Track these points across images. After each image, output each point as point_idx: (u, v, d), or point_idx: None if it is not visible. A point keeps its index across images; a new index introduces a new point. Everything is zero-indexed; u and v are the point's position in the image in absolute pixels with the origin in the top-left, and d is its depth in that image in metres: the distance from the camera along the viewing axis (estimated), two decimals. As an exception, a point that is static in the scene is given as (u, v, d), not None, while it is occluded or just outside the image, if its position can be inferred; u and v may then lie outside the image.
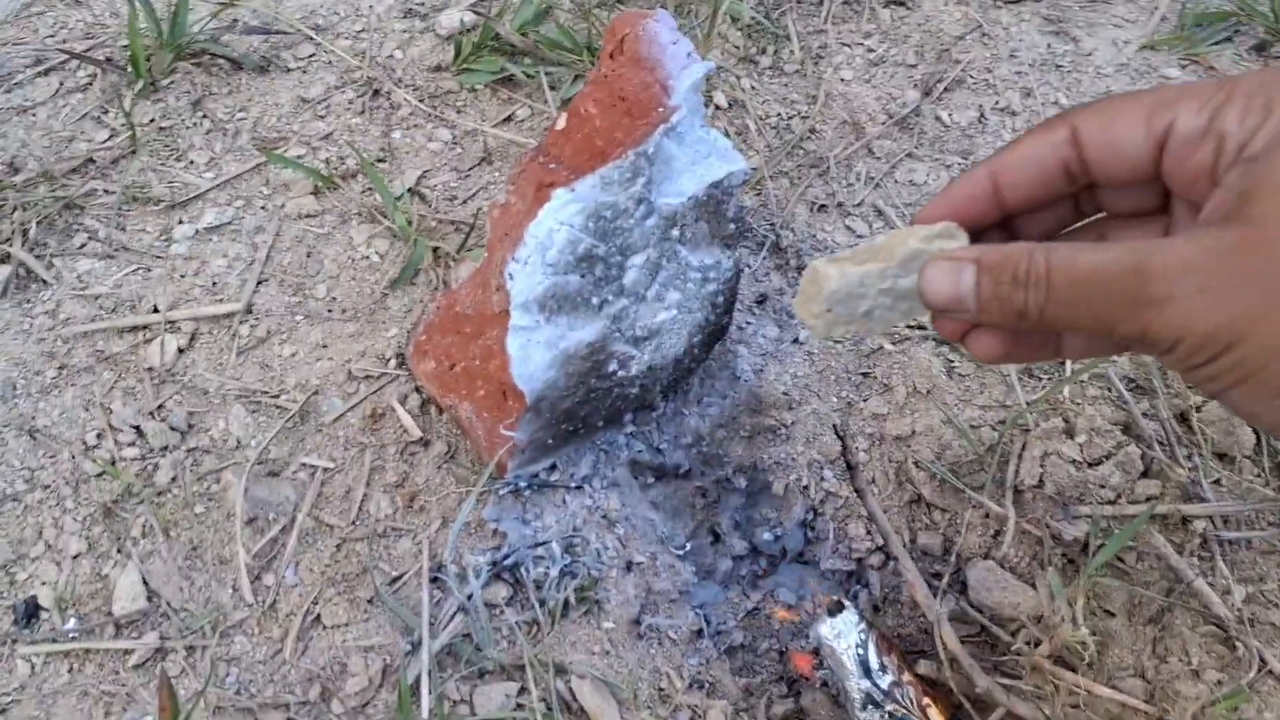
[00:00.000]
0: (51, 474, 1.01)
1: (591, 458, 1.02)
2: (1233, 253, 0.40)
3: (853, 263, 0.45)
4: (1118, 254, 0.42)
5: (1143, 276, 0.41)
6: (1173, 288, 0.41)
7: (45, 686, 0.90)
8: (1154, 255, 0.41)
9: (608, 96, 0.89)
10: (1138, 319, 0.42)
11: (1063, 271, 0.43)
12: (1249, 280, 0.39)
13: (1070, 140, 0.45)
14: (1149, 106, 0.44)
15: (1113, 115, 0.44)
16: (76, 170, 1.22)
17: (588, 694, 0.90)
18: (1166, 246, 0.41)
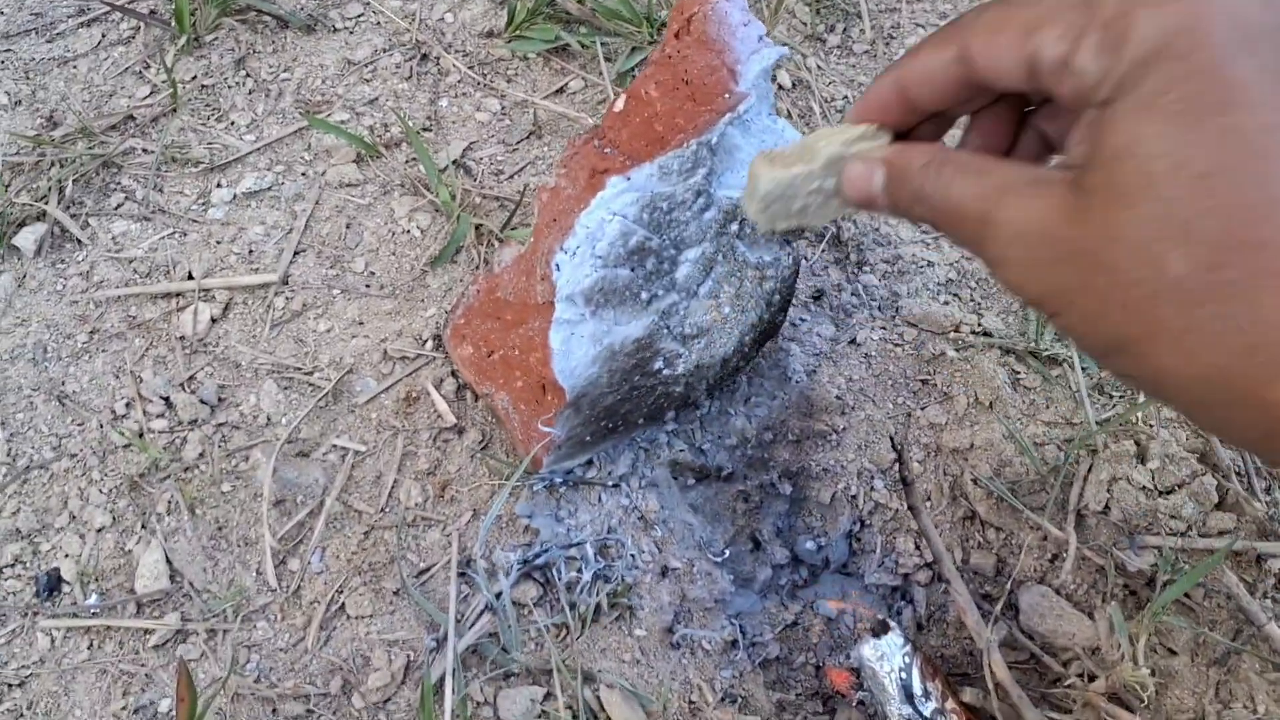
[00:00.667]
0: (79, 442, 0.98)
1: (630, 456, 0.98)
2: (1062, 223, 0.39)
3: (782, 165, 0.47)
4: (974, 196, 0.42)
5: (987, 229, 0.42)
6: (1004, 250, 0.41)
7: (65, 662, 0.88)
8: (998, 210, 0.41)
9: (671, 79, 0.84)
10: (987, 263, 0.43)
11: (939, 198, 0.44)
12: (1070, 257, 0.39)
13: (959, 58, 0.44)
14: (1024, 26, 0.41)
15: (995, 31, 0.43)
16: (115, 127, 1.19)
17: (616, 704, 0.87)
18: (1013, 203, 0.41)
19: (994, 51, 0.43)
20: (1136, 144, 0.37)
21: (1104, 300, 0.39)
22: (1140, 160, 0.37)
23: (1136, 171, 0.37)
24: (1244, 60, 0.35)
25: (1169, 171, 0.36)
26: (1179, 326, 0.37)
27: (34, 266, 1.09)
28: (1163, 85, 0.36)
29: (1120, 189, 0.37)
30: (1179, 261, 0.36)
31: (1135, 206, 0.37)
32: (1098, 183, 0.38)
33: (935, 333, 1.08)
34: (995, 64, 0.43)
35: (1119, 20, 0.38)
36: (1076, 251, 0.39)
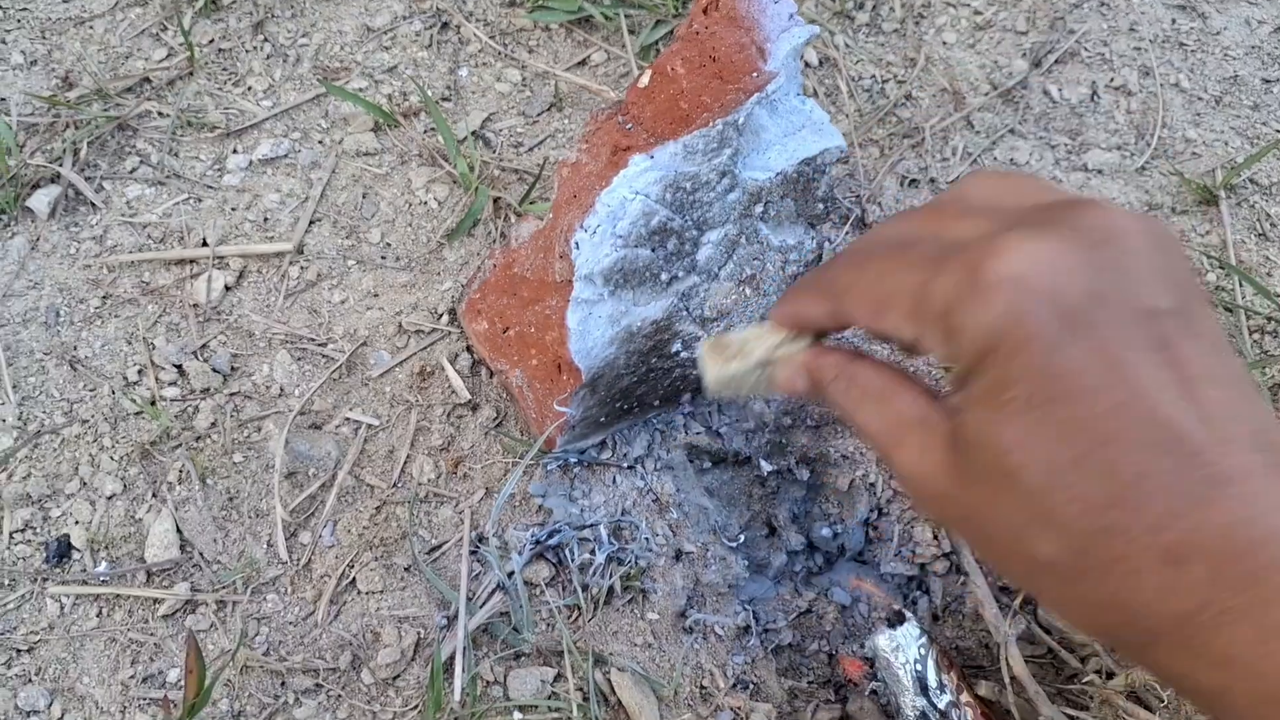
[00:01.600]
0: (91, 408, 0.97)
1: (646, 437, 0.97)
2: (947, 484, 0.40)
3: (723, 359, 0.51)
4: (875, 430, 0.44)
5: (891, 466, 0.44)
6: (910, 489, 0.43)
7: (74, 629, 0.88)
8: (895, 453, 0.42)
9: (698, 55, 0.82)
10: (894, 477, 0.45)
11: (850, 419, 0.46)
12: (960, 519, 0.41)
13: (834, 314, 0.46)
14: (874, 304, 0.43)
15: (856, 302, 0.44)
16: (131, 89, 1.17)
17: (627, 688, 0.86)
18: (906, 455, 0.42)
19: (860, 318, 0.44)
20: (987, 436, 0.37)
21: (998, 561, 0.41)
22: (994, 453, 0.37)
23: (994, 463, 0.37)
24: (1071, 349, 0.35)
25: (1021, 466, 0.36)
26: (1060, 597, 0.39)
27: (47, 229, 1.08)
28: (999, 385, 0.37)
29: (984, 474, 0.38)
30: (1048, 546, 0.37)
31: (1000, 494, 0.38)
32: (968, 459, 0.39)
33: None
34: (865, 326, 0.44)
35: (947, 317, 0.38)
36: (965, 517, 0.40)
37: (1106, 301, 0.36)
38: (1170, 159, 1.18)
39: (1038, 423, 0.36)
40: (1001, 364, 0.36)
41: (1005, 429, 0.37)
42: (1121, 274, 0.37)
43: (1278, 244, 1.11)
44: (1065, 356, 0.35)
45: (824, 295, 0.46)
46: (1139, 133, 1.20)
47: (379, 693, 0.85)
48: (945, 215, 0.43)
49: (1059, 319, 0.36)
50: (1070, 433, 0.35)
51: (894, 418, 0.43)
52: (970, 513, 0.40)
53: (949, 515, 0.42)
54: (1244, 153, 1.18)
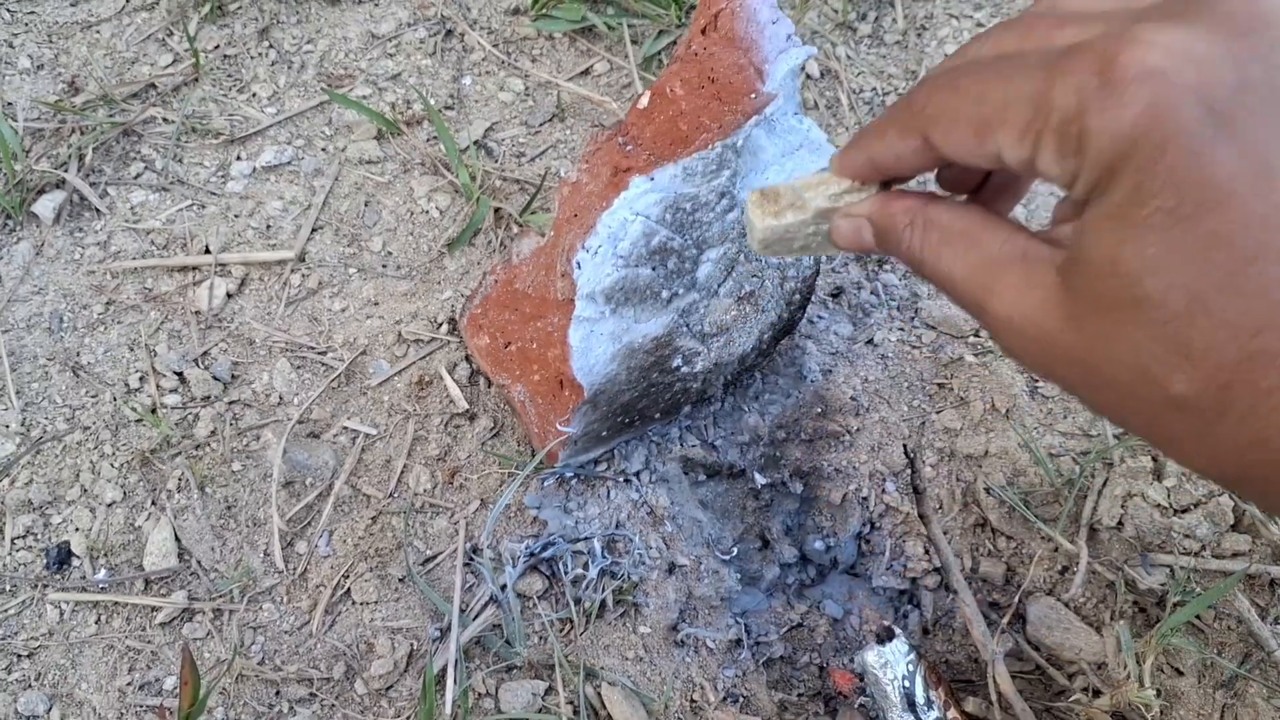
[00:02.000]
0: (92, 415, 0.98)
1: (644, 452, 0.98)
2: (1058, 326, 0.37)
3: (774, 210, 0.48)
4: (963, 273, 0.41)
5: (981, 315, 0.41)
6: (1006, 339, 0.40)
7: (73, 635, 0.89)
8: (991, 297, 0.40)
9: (696, 77, 0.82)
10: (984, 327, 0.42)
11: (930, 268, 0.43)
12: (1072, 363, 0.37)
13: (925, 148, 0.42)
14: (976, 123, 0.38)
15: (951, 125, 0.40)
16: (137, 95, 1.18)
17: (617, 702, 0.87)
18: (1005, 295, 0.39)
19: (956, 146, 0.40)
20: (1120, 260, 0.34)
21: (1113, 406, 0.37)
22: (1125, 279, 0.34)
23: (1124, 289, 0.34)
24: (1221, 149, 0.32)
25: (1160, 292, 0.33)
26: (1195, 440, 0.35)
27: (52, 234, 1.09)
28: (1136, 196, 0.33)
29: (1110, 304, 0.35)
30: (1183, 383, 0.34)
31: (1129, 325, 0.35)
32: (1087, 290, 0.36)
33: (954, 336, 1.07)
34: (962, 156, 0.40)
35: (1071, 125, 0.34)
36: (1076, 359, 0.37)
37: (1257, 98, 0.32)
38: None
39: (1180, 238, 0.32)
40: (1140, 172, 0.33)
41: (1142, 248, 0.33)
42: (1274, 67, 0.33)
43: None
44: (1216, 159, 0.32)
45: (907, 128, 0.42)
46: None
47: (372, 703, 0.86)
48: (1044, 25, 0.39)
49: (1208, 116, 0.32)
50: (1219, 248, 0.32)
51: (985, 258, 0.40)
52: (1085, 354, 0.36)
53: (1056, 360, 0.38)
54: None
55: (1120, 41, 0.33)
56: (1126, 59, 0.33)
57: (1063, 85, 0.34)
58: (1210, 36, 0.33)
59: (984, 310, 0.40)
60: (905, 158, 0.43)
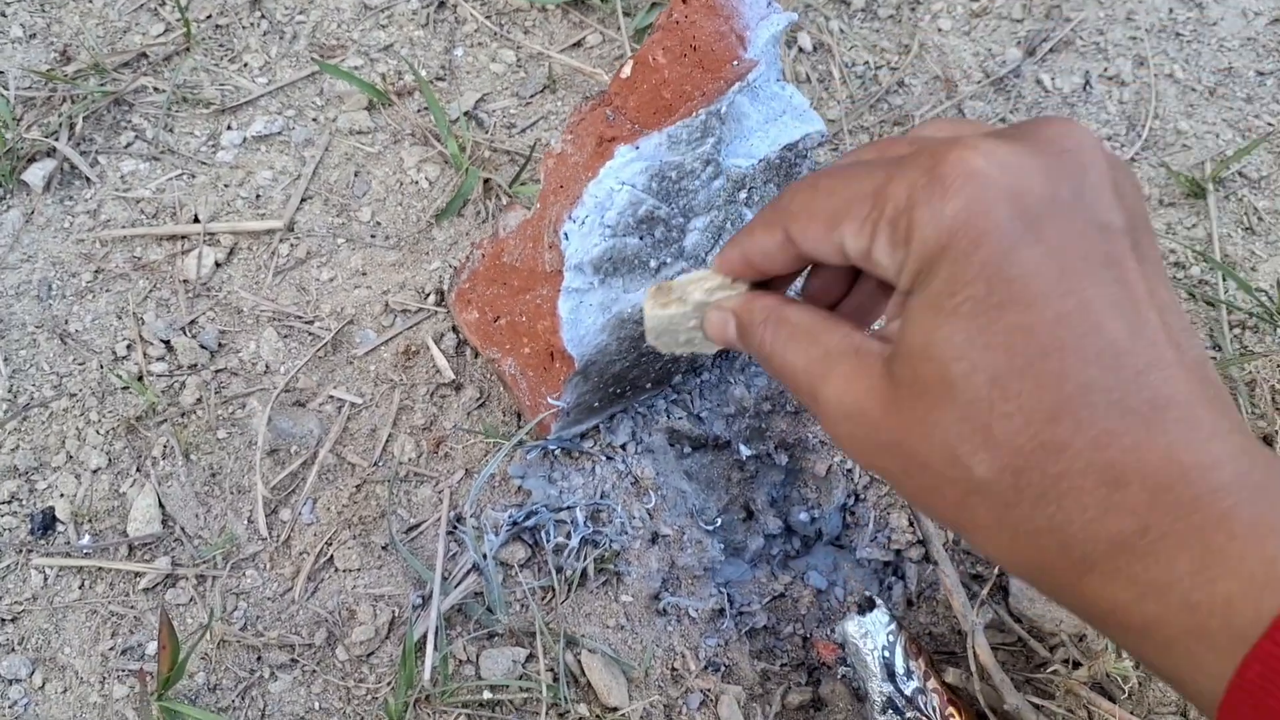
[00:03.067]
0: (79, 382, 0.99)
1: (629, 425, 0.98)
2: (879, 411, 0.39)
3: (662, 303, 0.50)
4: (803, 368, 0.43)
5: (815, 405, 0.42)
6: (834, 426, 0.41)
7: (56, 600, 0.89)
8: (823, 386, 0.41)
9: (678, 45, 0.82)
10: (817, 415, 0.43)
11: (775, 363, 0.45)
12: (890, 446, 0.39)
13: (785, 242, 0.44)
14: (828, 217, 0.41)
15: (807, 220, 0.43)
16: (128, 64, 1.18)
17: (597, 669, 0.87)
18: (836, 384, 0.41)
19: (810, 239, 0.42)
20: (933, 344, 0.36)
21: (926, 491, 0.39)
22: (938, 363, 0.36)
23: (936, 373, 0.36)
24: (1026, 251, 0.35)
25: (965, 375, 0.35)
26: (993, 524, 0.37)
27: (42, 202, 1.09)
28: (949, 286, 0.36)
29: (923, 388, 0.37)
30: (983, 465, 0.36)
31: (938, 409, 0.36)
32: (905, 376, 0.38)
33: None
34: (814, 250, 0.42)
35: (902, 217, 0.37)
36: (894, 442, 0.39)
37: (1064, 209, 0.35)
38: (1160, 150, 1.18)
39: (987, 325, 0.35)
40: (956, 262, 0.35)
41: (952, 333, 0.36)
42: (1079, 185, 0.36)
43: (1264, 238, 1.10)
44: (1020, 258, 0.35)
45: (771, 223, 0.45)
46: (1130, 123, 1.19)
47: (353, 669, 0.87)
48: (901, 142, 0.42)
49: (1017, 218, 0.35)
50: (1017, 340, 0.35)
51: (823, 352, 0.42)
52: (903, 437, 0.38)
53: (878, 446, 0.40)
54: (1235, 145, 1.17)
55: (951, 145, 0.36)
56: (953, 158, 0.36)
57: (898, 182, 0.37)
58: (1030, 152, 0.36)
59: (817, 399, 0.42)
60: (771, 253, 0.45)
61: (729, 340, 0.49)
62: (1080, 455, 0.34)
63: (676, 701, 0.89)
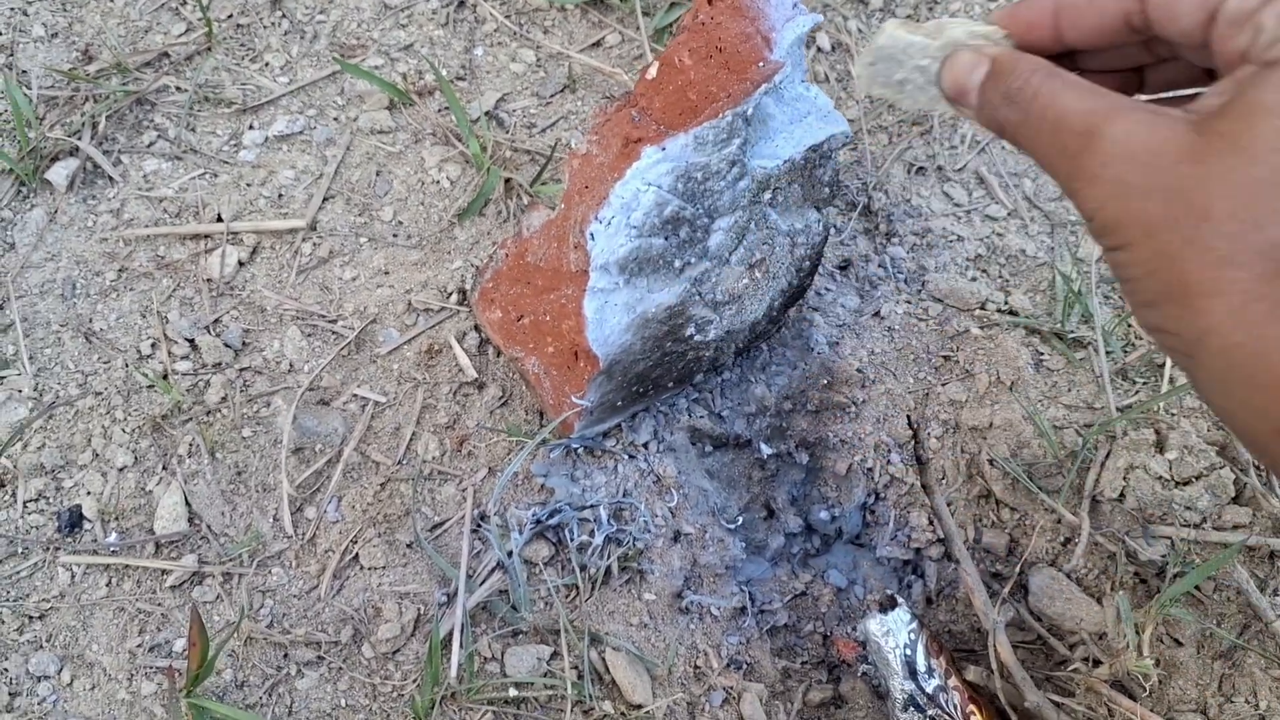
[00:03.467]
0: (104, 380, 0.99)
1: (651, 423, 0.98)
2: (1175, 155, 0.38)
3: (906, 29, 0.47)
4: (1086, 109, 0.41)
5: (1089, 143, 0.41)
6: (1105, 168, 0.40)
7: (84, 598, 0.90)
8: (1109, 124, 0.40)
9: (704, 46, 0.82)
10: (1072, 179, 0.42)
11: (1041, 103, 0.43)
12: (1168, 191, 0.38)
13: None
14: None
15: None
16: (150, 64, 1.19)
17: (621, 666, 0.88)
18: (1126, 123, 0.40)
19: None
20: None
21: (1185, 243, 0.38)
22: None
23: (1272, 136, 0.36)
24: None
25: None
26: (1250, 291, 0.36)
27: (65, 201, 1.10)
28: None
29: (1250, 142, 0.36)
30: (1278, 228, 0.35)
31: (1259, 162, 0.36)
32: (1228, 131, 0.37)
33: (960, 309, 1.07)
34: (1170, 5, 0.42)
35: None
36: (1177, 188, 0.38)
37: None
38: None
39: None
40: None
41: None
42: None
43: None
44: None
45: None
46: (1150, 124, 1.20)
47: (379, 666, 0.88)
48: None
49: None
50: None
51: (1110, 101, 0.41)
52: (1194, 184, 0.37)
53: (1156, 188, 0.39)
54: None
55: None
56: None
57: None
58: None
59: (1096, 136, 0.40)
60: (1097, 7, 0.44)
61: (968, 86, 0.47)
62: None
63: (699, 699, 0.90)
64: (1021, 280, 1.10)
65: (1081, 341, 1.04)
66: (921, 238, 1.12)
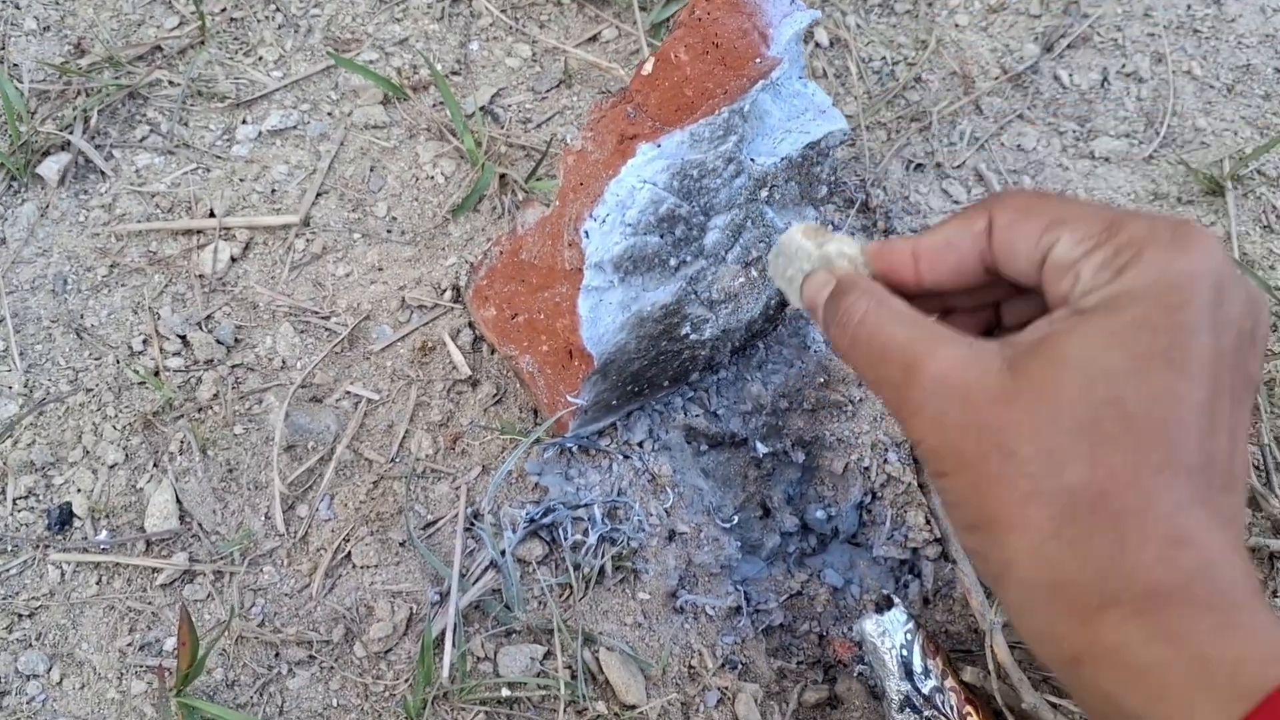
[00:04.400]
0: (95, 377, 0.99)
1: (646, 422, 0.97)
2: (988, 393, 0.41)
3: (805, 236, 0.50)
4: (906, 340, 0.43)
5: (910, 376, 0.43)
6: (925, 403, 0.42)
7: (74, 595, 0.89)
8: (929, 357, 0.42)
9: (700, 42, 0.82)
10: (898, 409, 0.44)
11: (867, 330, 0.45)
12: (981, 428, 0.40)
13: (986, 231, 0.46)
14: (1049, 219, 0.43)
15: (1022, 215, 0.44)
16: (143, 58, 1.18)
17: (615, 667, 0.87)
18: (944, 359, 0.42)
19: (1019, 232, 0.44)
20: (1092, 363, 0.39)
21: (995, 479, 0.40)
22: (1088, 379, 0.38)
23: (1080, 384, 0.38)
24: (1206, 335, 0.38)
25: (1108, 400, 0.38)
26: (1047, 529, 0.38)
27: (57, 196, 1.09)
28: (1139, 324, 0.38)
29: (1054, 392, 0.39)
30: (1076, 473, 0.38)
31: (1062, 411, 0.38)
32: (1036, 376, 0.40)
33: (960, 307, 1.06)
34: (1010, 246, 0.44)
35: (1130, 248, 0.39)
36: (990, 426, 0.40)
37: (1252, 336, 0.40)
38: (1179, 148, 1.17)
39: (1146, 373, 0.38)
40: (1152, 312, 0.38)
41: (1117, 363, 0.38)
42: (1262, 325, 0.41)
43: (1285, 238, 1.10)
44: (1201, 338, 0.38)
45: (977, 213, 0.46)
46: (1149, 120, 1.19)
47: (371, 666, 0.87)
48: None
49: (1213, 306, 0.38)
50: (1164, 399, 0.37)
51: (930, 332, 0.43)
52: (1004, 424, 0.40)
53: (969, 425, 0.41)
54: (1253, 143, 1.16)
55: (1188, 221, 0.41)
56: (1198, 230, 0.40)
57: (1139, 221, 0.41)
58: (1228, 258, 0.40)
59: (914, 370, 0.43)
60: (955, 242, 0.46)
61: (815, 303, 0.49)
62: (1163, 512, 0.37)
63: (694, 699, 0.89)
64: (1020, 278, 1.09)
65: (1080, 340, 1.03)
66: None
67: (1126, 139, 1.18)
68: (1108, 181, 1.14)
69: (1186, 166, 1.14)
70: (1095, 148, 1.17)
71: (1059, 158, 1.16)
